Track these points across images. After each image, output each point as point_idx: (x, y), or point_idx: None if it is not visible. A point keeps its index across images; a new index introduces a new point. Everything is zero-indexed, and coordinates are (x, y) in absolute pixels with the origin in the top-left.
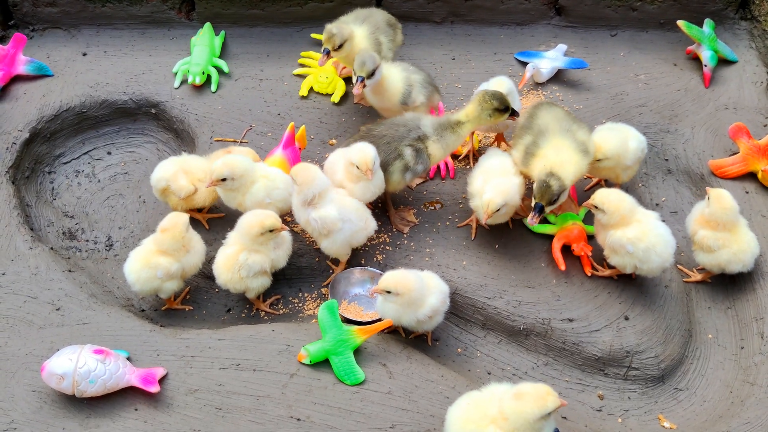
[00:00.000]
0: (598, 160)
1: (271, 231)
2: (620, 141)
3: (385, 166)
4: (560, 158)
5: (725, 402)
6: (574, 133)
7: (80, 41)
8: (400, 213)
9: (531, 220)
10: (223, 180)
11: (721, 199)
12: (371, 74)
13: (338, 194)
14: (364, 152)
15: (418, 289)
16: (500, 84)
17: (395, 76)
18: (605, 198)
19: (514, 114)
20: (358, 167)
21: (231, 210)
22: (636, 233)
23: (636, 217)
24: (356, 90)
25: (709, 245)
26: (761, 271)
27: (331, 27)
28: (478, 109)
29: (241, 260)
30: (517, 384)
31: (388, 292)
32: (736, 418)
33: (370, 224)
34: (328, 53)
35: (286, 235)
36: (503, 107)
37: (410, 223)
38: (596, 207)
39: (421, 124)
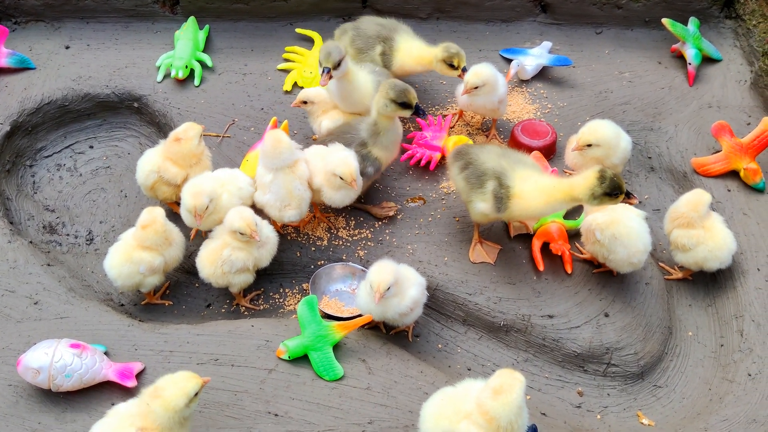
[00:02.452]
0: (588, 145)
1: (242, 234)
2: (614, 132)
3: None
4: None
5: (704, 399)
6: (524, 162)
7: (63, 34)
8: (379, 205)
9: (635, 200)
10: (206, 208)
11: (693, 196)
12: (337, 65)
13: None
14: (347, 163)
15: (399, 279)
16: (480, 70)
17: (363, 78)
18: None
19: (418, 113)
20: (342, 178)
21: None
22: (606, 220)
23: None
24: (323, 82)
25: (684, 244)
26: (741, 269)
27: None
28: (378, 97)
29: (224, 256)
30: (485, 382)
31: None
32: (715, 415)
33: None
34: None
35: (271, 236)
36: (400, 101)
37: (392, 207)
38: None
39: (361, 129)
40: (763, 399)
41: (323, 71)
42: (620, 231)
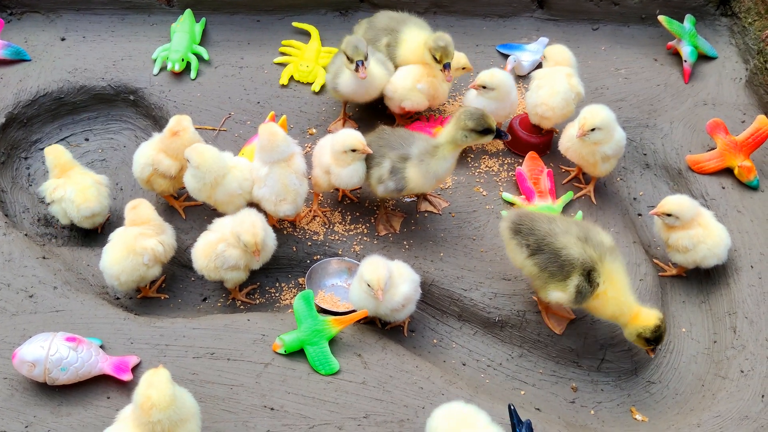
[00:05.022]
0: (592, 129)
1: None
2: (612, 116)
3: (368, 167)
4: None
5: (697, 395)
6: (606, 245)
7: (59, 26)
8: (389, 215)
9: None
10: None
11: (680, 200)
12: (366, 56)
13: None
14: (353, 135)
15: (391, 275)
16: (492, 76)
17: (375, 67)
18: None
19: (500, 136)
20: (353, 150)
21: None
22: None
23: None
24: (362, 75)
25: (685, 246)
26: (735, 266)
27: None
28: (454, 128)
29: (219, 251)
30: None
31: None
32: (707, 411)
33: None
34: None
35: (269, 245)
36: (480, 128)
37: (391, 229)
38: None
39: (413, 144)
40: (755, 395)
41: (357, 65)
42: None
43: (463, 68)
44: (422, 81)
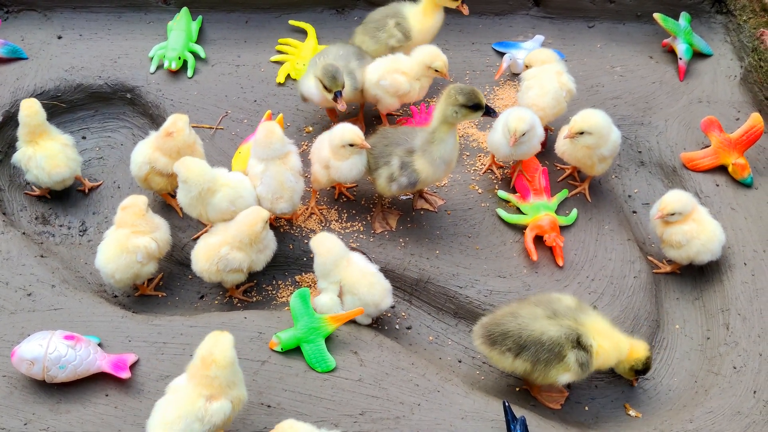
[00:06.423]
0: (581, 133)
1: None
2: (606, 121)
3: (374, 167)
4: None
5: (690, 391)
6: (570, 305)
7: (55, 24)
8: (385, 213)
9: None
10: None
11: (677, 195)
12: (344, 86)
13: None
14: (349, 130)
15: (324, 260)
16: (524, 115)
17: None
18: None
19: (489, 113)
20: (352, 144)
21: None
22: None
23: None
24: (342, 107)
25: (678, 241)
26: (729, 263)
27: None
28: (444, 105)
29: (222, 254)
30: None
31: None
32: (700, 407)
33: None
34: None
35: (271, 245)
36: (471, 104)
37: (387, 226)
38: None
39: (416, 137)
40: (748, 391)
41: (335, 96)
42: None
43: (436, 71)
44: (386, 77)
